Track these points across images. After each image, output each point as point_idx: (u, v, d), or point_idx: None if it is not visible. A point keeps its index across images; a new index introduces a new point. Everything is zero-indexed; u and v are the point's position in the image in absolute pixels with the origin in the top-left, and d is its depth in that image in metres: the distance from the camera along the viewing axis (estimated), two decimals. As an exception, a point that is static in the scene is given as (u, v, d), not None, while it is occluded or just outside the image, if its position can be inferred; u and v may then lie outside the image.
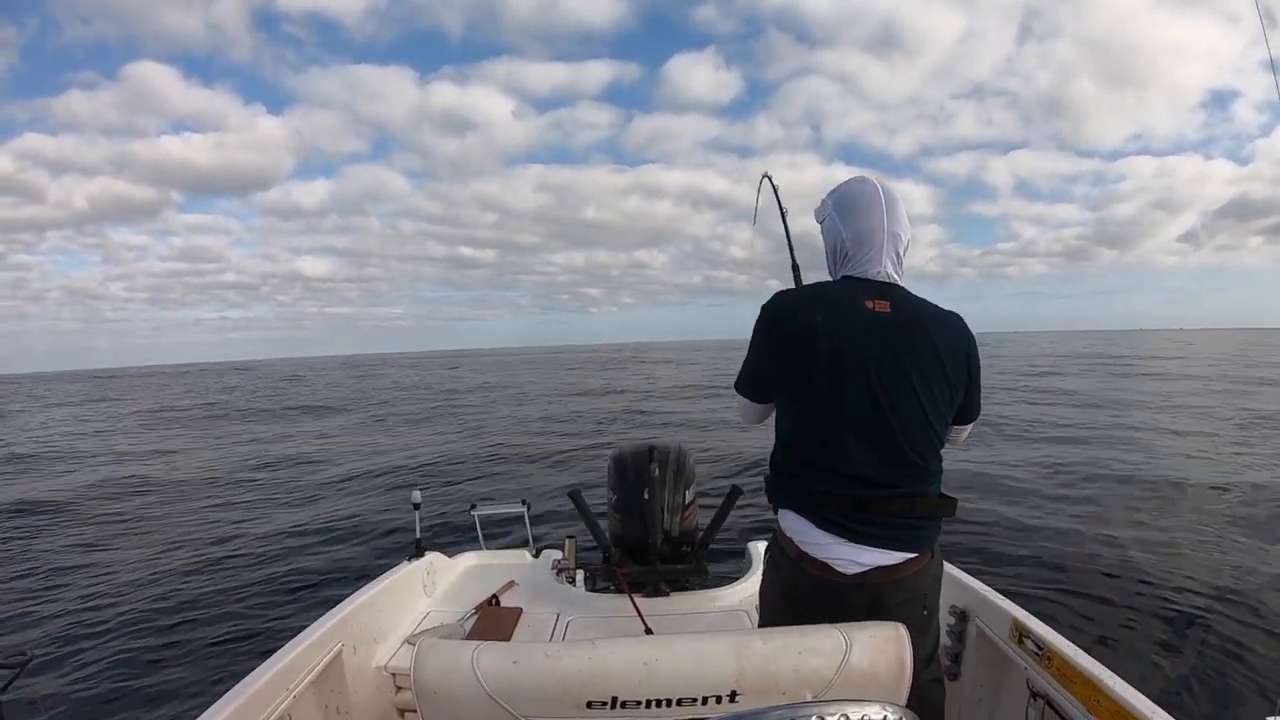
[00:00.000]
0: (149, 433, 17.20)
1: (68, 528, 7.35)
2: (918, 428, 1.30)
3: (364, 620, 2.08)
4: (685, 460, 2.62)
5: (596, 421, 15.16)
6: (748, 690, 1.00)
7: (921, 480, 1.33)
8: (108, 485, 9.68)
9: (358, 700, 1.92)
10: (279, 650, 1.70)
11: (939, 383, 1.31)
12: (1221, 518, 5.81)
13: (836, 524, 1.30)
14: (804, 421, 1.34)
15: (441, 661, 1.04)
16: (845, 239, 1.35)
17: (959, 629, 1.92)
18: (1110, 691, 1.34)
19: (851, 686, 1.00)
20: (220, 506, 8.09)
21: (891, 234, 1.32)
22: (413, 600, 2.50)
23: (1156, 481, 7.22)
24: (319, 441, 13.66)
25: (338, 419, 18.24)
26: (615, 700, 1.00)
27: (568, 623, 2.35)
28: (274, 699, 1.56)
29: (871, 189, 1.35)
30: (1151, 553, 4.82)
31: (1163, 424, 11.93)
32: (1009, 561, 4.68)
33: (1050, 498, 6.63)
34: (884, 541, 1.30)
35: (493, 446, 11.67)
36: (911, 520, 1.32)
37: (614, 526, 2.59)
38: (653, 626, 2.05)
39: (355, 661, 1.96)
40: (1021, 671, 1.64)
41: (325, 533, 6.36)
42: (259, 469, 10.56)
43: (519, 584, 2.68)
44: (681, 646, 1.05)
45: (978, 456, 8.36)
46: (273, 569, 5.40)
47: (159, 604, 4.79)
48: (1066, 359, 37.38)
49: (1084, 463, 8.26)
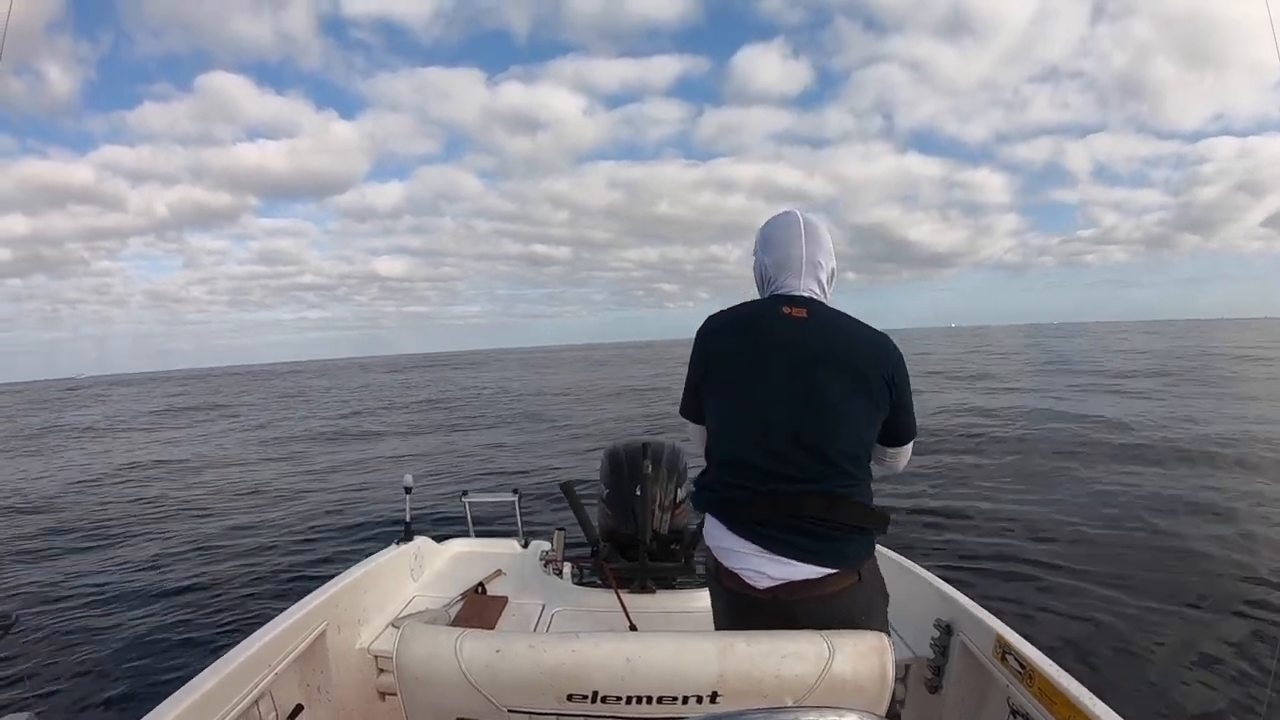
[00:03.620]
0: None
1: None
2: (837, 425, 1.28)
3: (349, 601, 2.08)
4: (678, 458, 2.62)
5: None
6: (728, 692, 1.00)
7: (839, 481, 1.28)
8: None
9: (340, 680, 1.92)
10: (263, 627, 1.70)
11: (856, 388, 1.30)
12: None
13: (747, 526, 1.29)
14: (722, 421, 1.37)
15: (425, 646, 1.04)
16: (767, 264, 1.43)
17: (942, 642, 1.92)
18: (1090, 714, 1.34)
19: (833, 694, 1.00)
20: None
21: (811, 260, 1.39)
22: (399, 584, 2.50)
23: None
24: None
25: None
26: (596, 694, 1.00)
27: (553, 614, 2.35)
28: (256, 675, 1.56)
29: (792, 219, 1.42)
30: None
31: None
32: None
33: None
34: (796, 552, 1.25)
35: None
36: (827, 528, 1.26)
37: (604, 521, 2.59)
38: (637, 623, 2.05)
39: (339, 642, 1.96)
40: (1003, 688, 1.64)
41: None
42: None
43: (506, 573, 2.68)
44: (665, 645, 1.05)
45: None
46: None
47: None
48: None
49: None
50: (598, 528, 2.61)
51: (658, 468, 2.53)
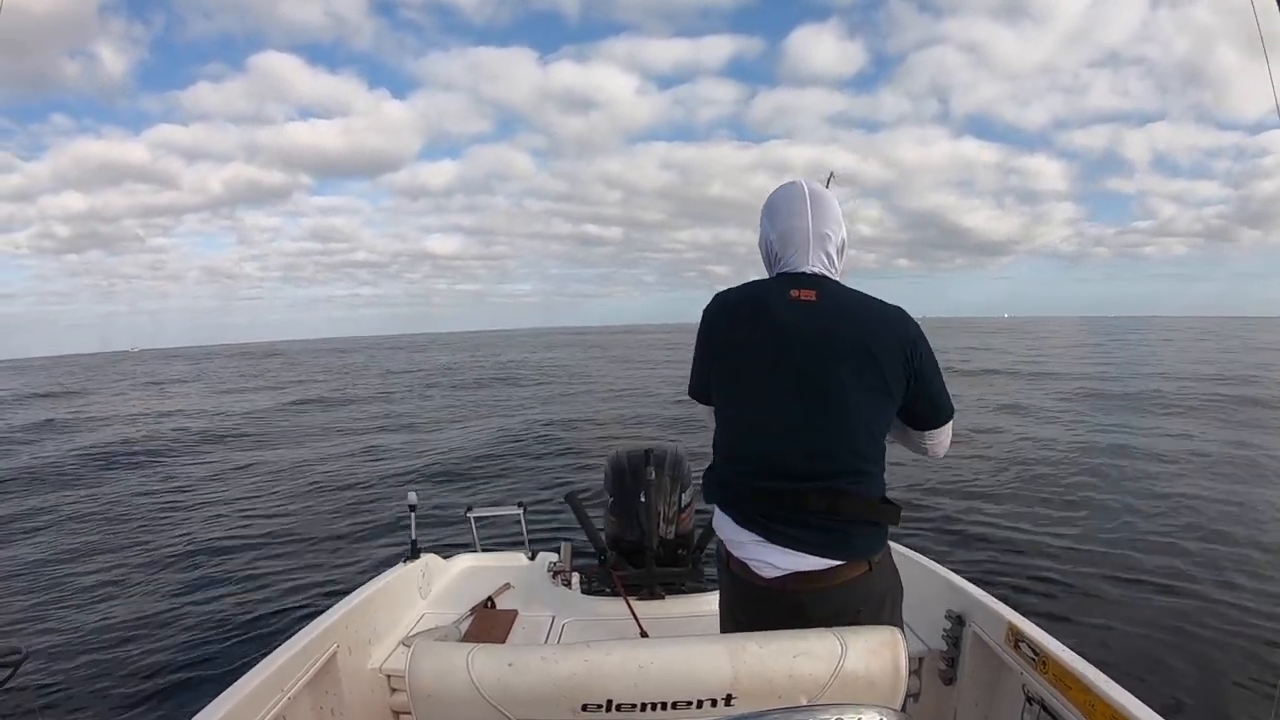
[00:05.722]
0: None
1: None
2: (844, 418, 1.24)
3: (359, 622, 2.07)
4: (682, 463, 2.62)
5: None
6: (742, 694, 1.00)
7: (848, 476, 1.24)
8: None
9: (353, 702, 1.92)
10: (274, 651, 1.70)
11: (869, 374, 1.24)
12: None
13: (753, 520, 1.27)
14: (729, 412, 1.35)
15: (436, 664, 1.04)
16: (772, 239, 1.37)
17: (955, 633, 1.92)
18: (1106, 697, 1.34)
19: (846, 691, 1.00)
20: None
21: (818, 233, 1.32)
22: (408, 602, 2.49)
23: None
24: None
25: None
26: (610, 703, 1.00)
27: (563, 625, 2.35)
28: (269, 700, 1.55)
29: (796, 190, 1.36)
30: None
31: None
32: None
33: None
34: (802, 544, 1.23)
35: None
36: (835, 521, 1.24)
37: (610, 529, 2.59)
38: (648, 629, 2.05)
39: (350, 663, 1.96)
40: (1017, 676, 1.64)
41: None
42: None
43: (514, 586, 2.67)
44: (676, 650, 1.05)
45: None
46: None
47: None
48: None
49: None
50: (604, 536, 2.61)
51: (661, 474, 2.53)
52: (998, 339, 49.59)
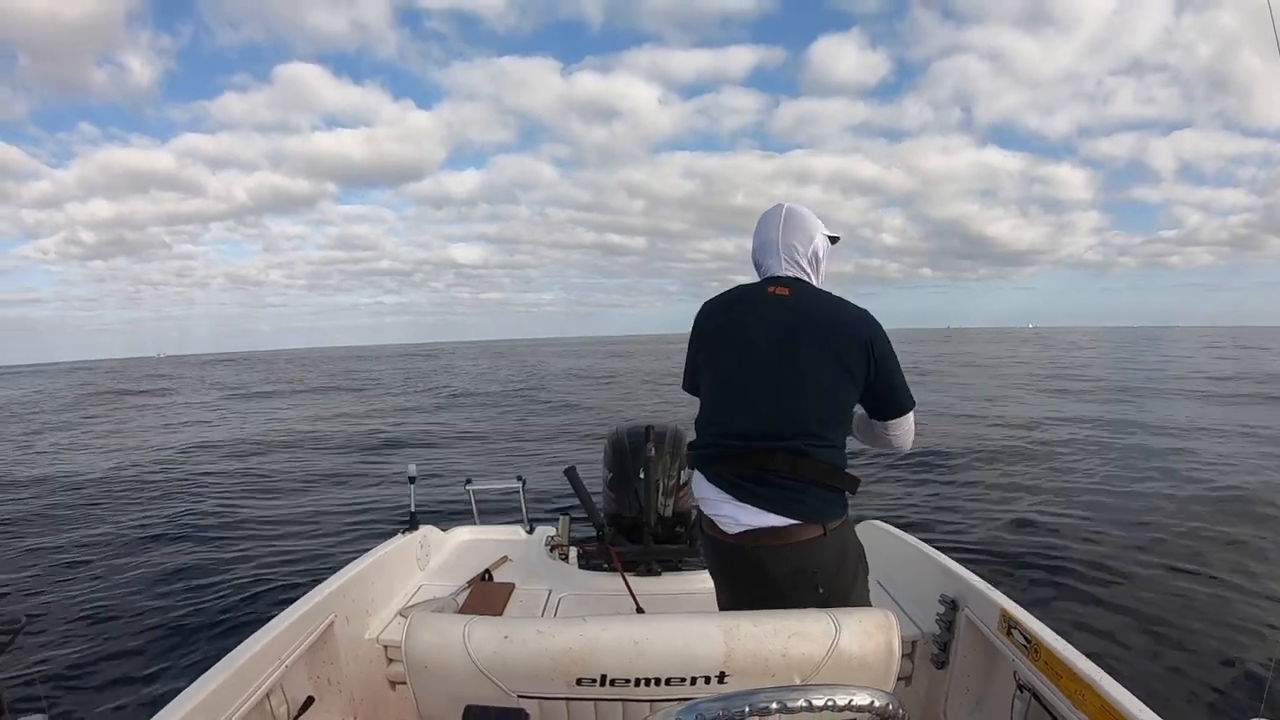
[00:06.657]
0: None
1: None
2: (806, 387, 1.39)
3: (357, 592, 2.09)
4: (681, 441, 2.62)
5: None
6: (736, 672, 1.00)
7: (809, 438, 1.38)
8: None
9: (349, 671, 1.93)
10: (271, 620, 1.71)
11: (831, 355, 1.40)
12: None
13: (722, 478, 1.42)
14: (708, 389, 1.52)
15: (433, 635, 1.04)
16: (755, 249, 1.58)
17: (948, 618, 1.93)
18: (1096, 686, 1.34)
19: (840, 671, 1.01)
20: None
21: (786, 243, 1.52)
22: (406, 573, 2.51)
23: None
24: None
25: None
26: (605, 678, 1.01)
27: (560, 599, 2.36)
28: (266, 669, 1.56)
29: (775, 209, 1.56)
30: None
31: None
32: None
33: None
34: (763, 502, 1.37)
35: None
36: (794, 480, 1.37)
37: (608, 505, 2.59)
38: (644, 606, 2.06)
39: (347, 633, 1.97)
40: (1009, 663, 1.65)
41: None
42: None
43: (512, 560, 2.69)
44: (672, 626, 1.06)
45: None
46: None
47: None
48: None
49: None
50: (602, 512, 2.62)
51: (660, 451, 2.53)
52: (1026, 349, 48.99)
